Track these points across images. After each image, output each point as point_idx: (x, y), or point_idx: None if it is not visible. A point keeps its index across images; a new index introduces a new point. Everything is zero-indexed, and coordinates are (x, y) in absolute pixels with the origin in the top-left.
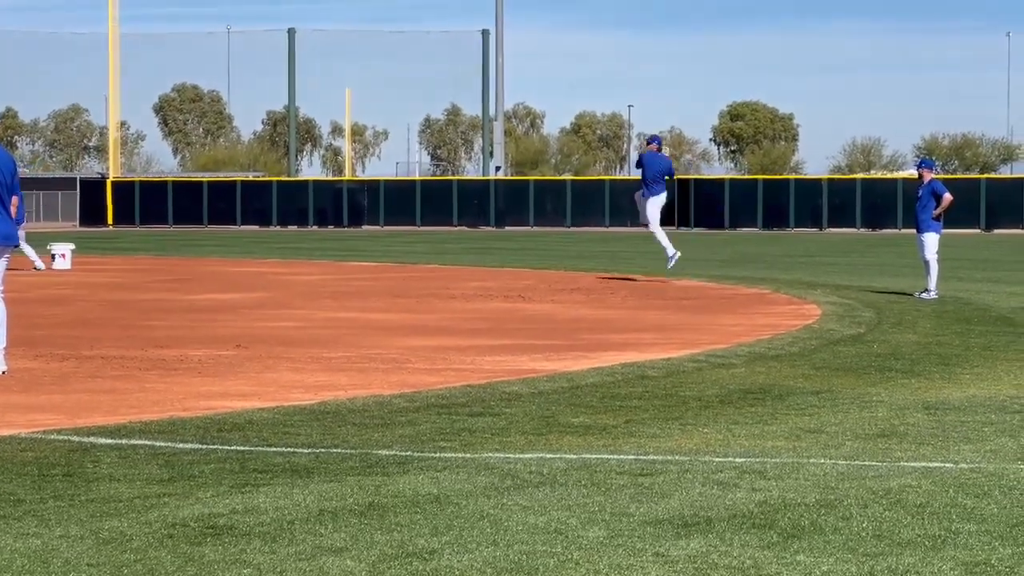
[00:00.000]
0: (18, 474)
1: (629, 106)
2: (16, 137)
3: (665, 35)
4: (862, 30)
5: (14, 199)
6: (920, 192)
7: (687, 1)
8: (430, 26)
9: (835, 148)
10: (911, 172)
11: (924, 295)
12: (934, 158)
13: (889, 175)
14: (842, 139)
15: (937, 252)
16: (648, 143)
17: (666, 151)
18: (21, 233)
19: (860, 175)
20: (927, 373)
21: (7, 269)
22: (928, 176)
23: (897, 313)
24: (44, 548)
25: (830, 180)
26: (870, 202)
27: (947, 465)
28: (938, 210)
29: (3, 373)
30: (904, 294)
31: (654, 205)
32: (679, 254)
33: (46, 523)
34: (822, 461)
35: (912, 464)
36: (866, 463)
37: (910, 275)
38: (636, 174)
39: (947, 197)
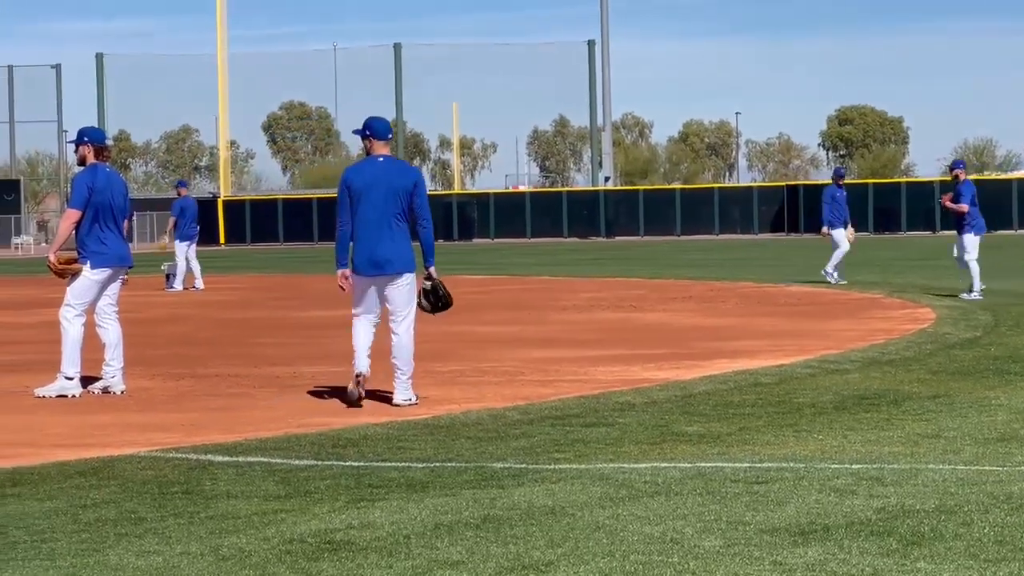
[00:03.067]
0: (138, 492)
1: (737, 113)
2: (129, 159)
3: (771, 41)
4: (971, 30)
5: (125, 222)
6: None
7: (793, 6)
8: (535, 38)
9: (946, 150)
10: None
11: (967, 296)
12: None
13: (1003, 176)
14: (953, 140)
15: (973, 252)
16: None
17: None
18: (192, 250)
19: (973, 176)
20: None
21: (121, 290)
22: (962, 176)
23: (1014, 315)
24: (165, 565)
25: (942, 182)
26: (984, 203)
27: None
28: (950, 206)
29: (121, 393)
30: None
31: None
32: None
33: (167, 540)
34: (941, 466)
35: None
36: (986, 468)
37: None
38: (745, 180)
39: (961, 206)
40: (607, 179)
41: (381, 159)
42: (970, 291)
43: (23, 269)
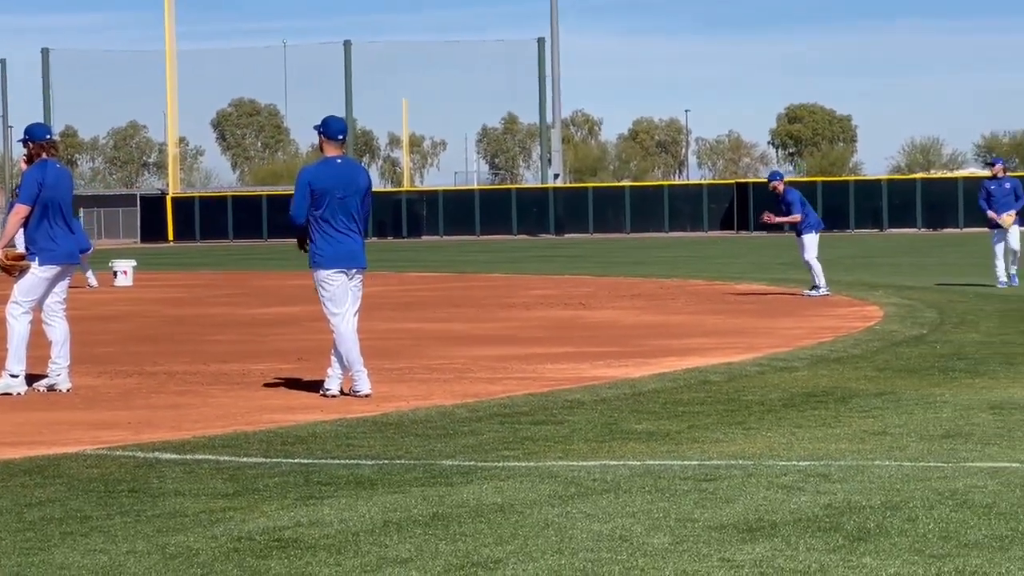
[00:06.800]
0: (84, 491)
1: (686, 111)
2: (76, 155)
3: (721, 39)
4: (919, 29)
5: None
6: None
7: (742, 5)
8: (485, 36)
9: (894, 148)
10: (972, 171)
11: (812, 293)
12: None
13: (949, 174)
14: (900, 139)
15: (813, 251)
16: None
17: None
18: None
19: (920, 175)
20: (991, 372)
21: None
22: (780, 187)
23: (960, 313)
24: (111, 564)
25: (889, 181)
26: (930, 202)
27: (1013, 465)
28: (780, 219)
29: (67, 390)
30: (975, 285)
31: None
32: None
33: (113, 539)
34: (887, 463)
35: (978, 464)
36: (931, 464)
37: (973, 274)
38: (695, 177)
39: (795, 216)
40: (556, 177)
41: (340, 160)
42: (815, 288)
43: None
